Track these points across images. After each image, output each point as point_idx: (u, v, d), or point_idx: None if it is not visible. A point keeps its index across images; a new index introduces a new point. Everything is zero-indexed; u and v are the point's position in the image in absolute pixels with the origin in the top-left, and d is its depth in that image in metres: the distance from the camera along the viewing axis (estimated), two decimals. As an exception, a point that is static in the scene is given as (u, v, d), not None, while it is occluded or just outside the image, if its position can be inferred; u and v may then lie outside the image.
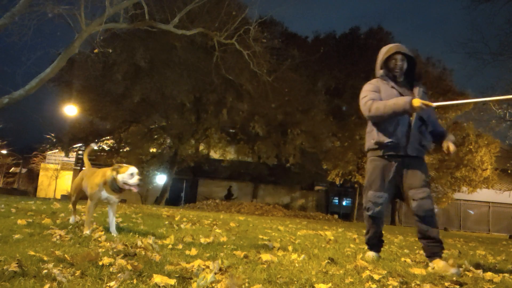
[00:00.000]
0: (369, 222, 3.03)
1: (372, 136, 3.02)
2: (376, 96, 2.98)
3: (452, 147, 2.92)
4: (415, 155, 2.90)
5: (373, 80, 3.12)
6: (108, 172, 3.15)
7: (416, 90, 3.00)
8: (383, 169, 2.94)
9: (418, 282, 2.07)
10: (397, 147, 2.90)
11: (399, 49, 2.99)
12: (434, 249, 2.76)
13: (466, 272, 2.63)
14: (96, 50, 9.56)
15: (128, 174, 3.07)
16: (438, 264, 2.63)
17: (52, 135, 17.76)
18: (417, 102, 2.70)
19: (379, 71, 3.11)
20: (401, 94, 2.94)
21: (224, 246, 2.97)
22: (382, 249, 3.26)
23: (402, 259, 3.21)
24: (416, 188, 2.81)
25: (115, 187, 3.12)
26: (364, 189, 3.12)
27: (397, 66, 3.01)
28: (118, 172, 3.08)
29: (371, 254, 3.06)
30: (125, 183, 3.07)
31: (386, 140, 2.90)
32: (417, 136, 2.90)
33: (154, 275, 1.67)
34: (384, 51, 3.08)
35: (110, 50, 10.47)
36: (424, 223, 2.78)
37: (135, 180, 3.07)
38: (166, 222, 4.89)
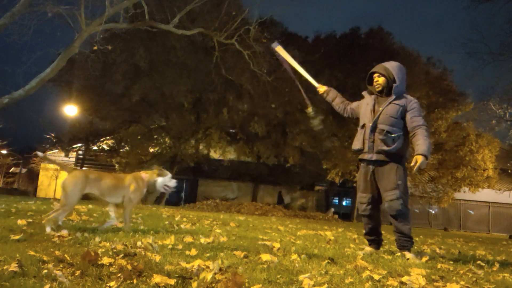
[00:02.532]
0: (363, 220, 3.48)
1: None
2: (354, 103, 3.72)
3: (419, 162, 3.11)
4: (380, 159, 3.29)
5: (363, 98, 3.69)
6: (148, 175, 3.49)
7: (387, 100, 3.39)
8: (364, 174, 3.41)
9: (418, 282, 2.06)
10: (360, 153, 3.42)
11: (373, 69, 3.50)
12: (404, 243, 3.27)
13: (467, 272, 2.63)
14: (95, 47, 9.56)
15: (169, 178, 3.53)
16: (408, 256, 3.13)
17: (52, 135, 17.76)
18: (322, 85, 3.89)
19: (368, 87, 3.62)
20: (372, 107, 3.42)
21: (224, 246, 2.97)
22: (382, 248, 3.49)
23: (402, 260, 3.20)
24: (387, 190, 3.24)
25: (153, 189, 3.49)
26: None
27: (374, 84, 3.49)
28: (162, 176, 3.49)
29: (368, 249, 3.39)
30: (166, 185, 3.50)
31: (354, 147, 3.48)
32: (373, 142, 3.32)
33: (154, 275, 1.67)
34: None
35: (110, 47, 10.46)
36: (396, 221, 3.26)
37: (173, 183, 3.56)
38: (166, 222, 4.88)
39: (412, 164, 3.15)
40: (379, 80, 3.42)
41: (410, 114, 3.30)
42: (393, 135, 3.24)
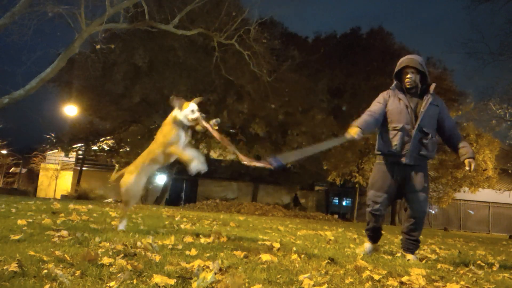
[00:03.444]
0: (369, 217, 3.39)
1: (377, 143, 3.36)
2: (376, 107, 3.26)
3: (472, 165, 3.16)
4: (413, 163, 3.16)
5: (386, 91, 3.38)
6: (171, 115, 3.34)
7: (424, 101, 3.18)
8: (385, 173, 3.26)
9: (418, 282, 2.06)
10: (395, 155, 3.20)
11: (409, 63, 3.19)
12: (410, 246, 3.24)
13: (467, 272, 2.63)
14: (98, 46, 9.58)
15: (190, 111, 3.26)
16: (410, 257, 3.14)
17: (52, 135, 17.77)
18: (351, 131, 3.04)
19: (394, 83, 3.35)
20: (409, 105, 3.17)
21: (224, 246, 2.97)
22: (382, 248, 3.56)
23: (402, 259, 3.21)
24: (415, 192, 3.14)
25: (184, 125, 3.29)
26: (367, 188, 3.44)
27: (406, 80, 3.21)
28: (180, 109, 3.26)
29: (367, 244, 3.44)
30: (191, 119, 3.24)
31: (385, 149, 3.24)
32: (416, 146, 3.15)
33: (154, 275, 1.67)
34: (398, 64, 3.28)
35: (113, 46, 10.48)
36: (414, 223, 3.19)
37: (196, 114, 3.26)
38: (166, 222, 4.88)
39: (467, 168, 3.16)
40: (414, 77, 3.17)
41: (445, 114, 3.22)
42: (434, 139, 3.18)
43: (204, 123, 3.27)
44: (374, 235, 3.45)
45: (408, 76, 3.18)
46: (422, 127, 3.12)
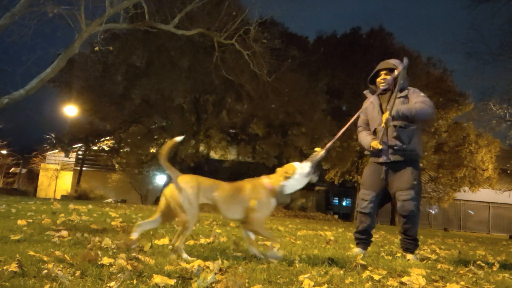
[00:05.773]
0: (359, 218, 3.37)
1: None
2: (362, 118, 3.49)
3: (384, 119, 3.14)
4: (396, 160, 3.20)
5: (365, 101, 3.49)
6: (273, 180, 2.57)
7: (391, 101, 3.23)
8: (373, 172, 3.33)
9: (418, 282, 2.06)
10: (376, 154, 3.30)
11: (380, 66, 3.37)
12: (409, 246, 3.21)
13: (467, 273, 2.63)
14: (96, 48, 9.56)
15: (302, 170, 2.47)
16: (410, 257, 3.10)
17: (52, 135, 17.78)
18: (374, 144, 3.22)
19: (370, 86, 3.52)
20: (379, 107, 3.32)
21: (224, 246, 2.97)
22: (382, 249, 3.42)
23: (402, 260, 3.20)
24: (401, 190, 3.14)
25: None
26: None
27: (379, 81, 3.36)
28: (290, 176, 2.46)
29: (357, 250, 3.30)
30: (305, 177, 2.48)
31: (366, 151, 3.41)
32: (392, 143, 3.20)
33: (154, 275, 1.67)
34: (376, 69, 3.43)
35: (111, 48, 10.46)
36: (406, 222, 3.17)
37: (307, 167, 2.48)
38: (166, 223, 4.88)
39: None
40: (387, 78, 3.29)
41: (412, 99, 3.19)
42: (406, 129, 3.16)
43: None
44: (364, 239, 3.33)
45: (381, 77, 3.33)
46: (397, 121, 3.19)
